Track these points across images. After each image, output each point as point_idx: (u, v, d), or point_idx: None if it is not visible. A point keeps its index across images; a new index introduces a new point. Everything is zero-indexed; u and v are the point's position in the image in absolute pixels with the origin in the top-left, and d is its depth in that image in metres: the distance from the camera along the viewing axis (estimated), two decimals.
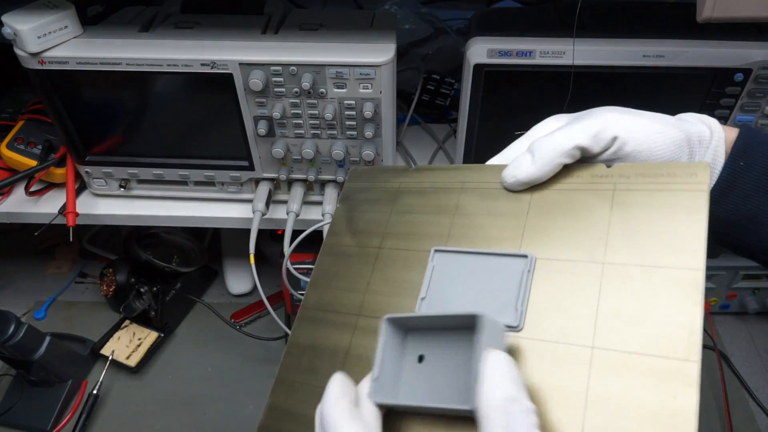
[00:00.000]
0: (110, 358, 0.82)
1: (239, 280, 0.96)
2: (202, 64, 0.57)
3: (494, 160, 0.41)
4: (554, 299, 0.33)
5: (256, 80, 0.57)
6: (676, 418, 0.27)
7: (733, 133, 0.38)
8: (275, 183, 0.69)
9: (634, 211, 0.33)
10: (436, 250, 0.37)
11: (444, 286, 0.36)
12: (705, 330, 0.39)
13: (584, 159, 0.36)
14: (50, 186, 0.73)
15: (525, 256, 0.34)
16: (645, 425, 0.27)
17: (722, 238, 0.39)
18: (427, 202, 0.40)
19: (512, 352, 0.31)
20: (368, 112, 0.58)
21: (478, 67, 0.58)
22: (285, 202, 0.69)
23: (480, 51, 0.58)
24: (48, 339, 0.76)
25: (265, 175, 0.67)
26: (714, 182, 0.37)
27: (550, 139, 0.36)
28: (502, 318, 0.32)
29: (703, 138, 0.37)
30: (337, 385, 0.30)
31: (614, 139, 0.35)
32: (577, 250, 0.34)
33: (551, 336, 0.31)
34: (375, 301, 0.37)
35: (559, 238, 0.35)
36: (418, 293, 0.36)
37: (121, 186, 0.70)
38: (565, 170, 0.36)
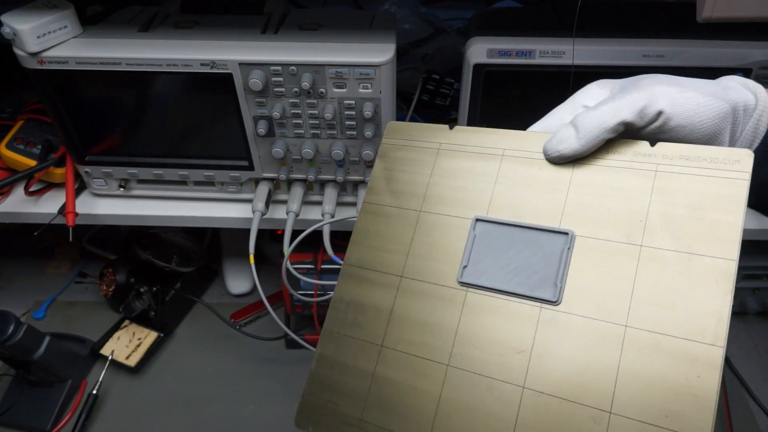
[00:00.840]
0: (110, 358, 0.82)
1: (239, 280, 0.96)
2: (202, 64, 0.57)
3: (536, 127, 0.41)
4: (591, 277, 0.34)
5: (256, 80, 0.57)
6: (698, 395, 0.29)
7: None
8: (275, 183, 0.69)
9: (674, 195, 0.34)
10: (478, 219, 0.38)
11: (485, 255, 0.37)
12: None
13: (627, 132, 0.36)
14: (50, 186, 0.73)
15: (566, 234, 0.35)
16: (670, 401, 0.30)
17: (760, 202, 0.39)
18: (467, 166, 0.40)
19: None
20: (368, 112, 0.58)
21: (478, 67, 0.58)
22: (285, 202, 0.69)
23: (480, 51, 0.58)
24: (47, 339, 0.75)
25: (265, 175, 0.67)
26: (757, 145, 0.37)
27: (596, 115, 0.36)
28: (541, 293, 0.35)
29: (748, 106, 0.36)
30: None
31: (659, 113, 0.35)
32: (616, 230, 0.35)
33: (587, 312, 0.33)
34: (417, 265, 0.38)
35: (599, 216, 0.36)
36: (460, 260, 0.37)
37: (120, 186, 0.70)
38: (608, 145, 0.37)
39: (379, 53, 0.57)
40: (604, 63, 0.57)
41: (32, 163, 0.69)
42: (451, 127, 0.42)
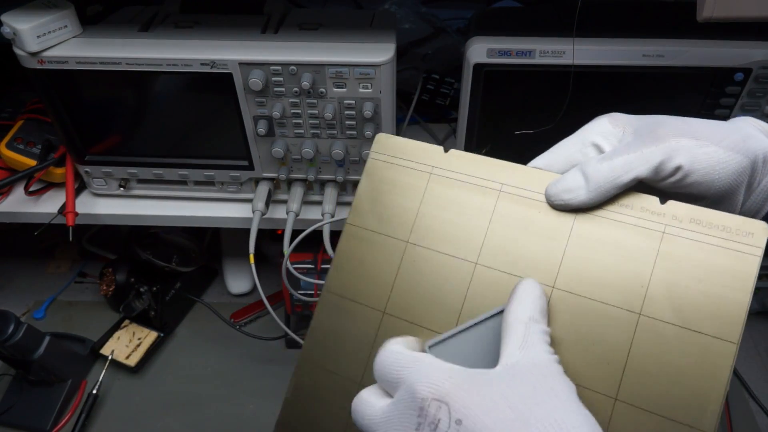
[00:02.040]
0: (110, 357, 0.82)
1: (239, 280, 0.96)
2: (202, 64, 0.57)
3: (539, 161, 0.38)
4: (580, 336, 0.32)
5: (256, 80, 0.57)
6: None
7: None
8: (275, 183, 0.69)
9: (680, 264, 0.32)
10: (430, 347, 0.33)
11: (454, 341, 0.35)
12: None
13: (640, 184, 0.35)
14: (50, 186, 0.73)
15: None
16: None
17: None
18: (461, 198, 0.38)
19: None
20: (368, 112, 0.58)
21: (477, 67, 0.58)
22: (285, 201, 0.69)
23: (480, 51, 0.58)
24: (47, 339, 0.75)
25: (265, 174, 0.67)
26: None
27: (609, 168, 0.33)
28: None
29: None
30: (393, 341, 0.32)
31: (677, 169, 0.33)
32: (615, 293, 0.33)
33: (574, 378, 0.30)
34: (401, 302, 0.37)
35: (598, 276, 0.33)
36: (444, 302, 0.36)
37: (120, 186, 0.70)
38: (616, 195, 0.35)
39: (379, 53, 0.57)
40: (604, 63, 0.57)
41: (32, 162, 0.69)
42: (446, 150, 0.39)
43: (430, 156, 0.39)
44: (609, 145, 0.36)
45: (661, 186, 0.34)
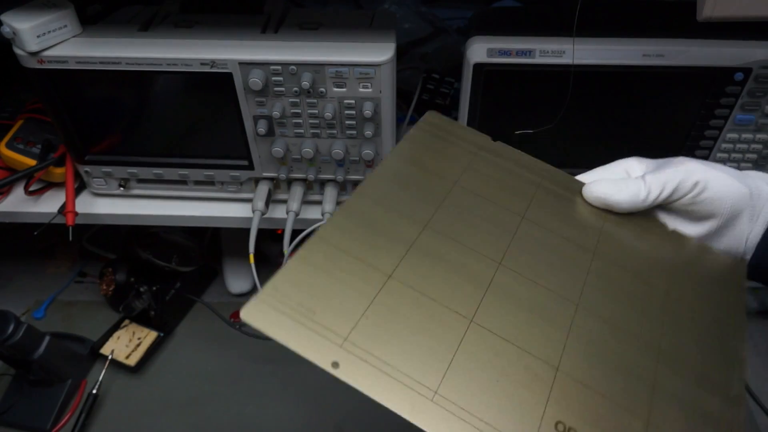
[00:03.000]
0: (110, 357, 0.82)
1: (239, 280, 0.96)
2: (202, 64, 0.57)
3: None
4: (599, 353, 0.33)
5: (256, 79, 0.57)
6: None
7: None
8: (275, 182, 0.69)
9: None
10: None
11: None
12: None
13: (661, 206, 0.42)
14: (49, 185, 0.73)
15: None
16: None
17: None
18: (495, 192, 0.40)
19: None
20: (368, 112, 0.58)
21: (477, 67, 0.58)
22: (285, 201, 0.69)
23: (480, 50, 0.58)
24: (47, 338, 0.75)
25: (265, 174, 0.67)
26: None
27: (648, 180, 0.40)
28: None
29: (762, 194, 0.40)
30: None
31: (696, 184, 0.39)
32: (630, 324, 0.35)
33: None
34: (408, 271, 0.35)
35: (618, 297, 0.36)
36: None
37: (120, 185, 0.70)
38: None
39: (379, 53, 0.57)
40: (604, 62, 0.57)
41: (32, 162, 0.69)
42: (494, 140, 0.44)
43: (478, 139, 0.42)
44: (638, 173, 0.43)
45: (683, 201, 0.40)
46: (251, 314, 0.30)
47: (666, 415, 0.31)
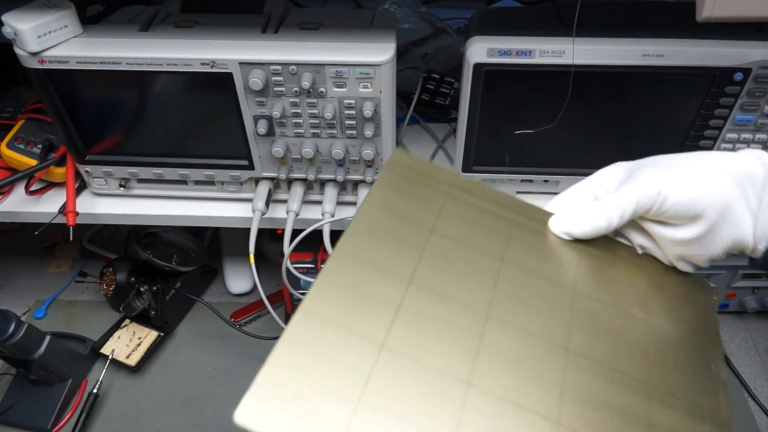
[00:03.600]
0: (110, 357, 0.82)
1: (239, 280, 0.96)
2: (202, 64, 0.57)
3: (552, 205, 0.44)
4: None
5: (256, 79, 0.57)
6: None
7: None
8: (275, 182, 0.69)
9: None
10: None
11: None
12: None
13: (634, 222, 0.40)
14: (50, 185, 0.73)
15: None
16: None
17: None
18: (472, 236, 0.39)
19: None
20: (368, 112, 0.58)
21: (477, 67, 0.58)
22: (285, 201, 0.69)
23: (480, 50, 0.58)
24: (48, 338, 0.76)
25: (265, 174, 0.67)
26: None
27: (603, 209, 0.39)
28: None
29: (756, 177, 0.37)
30: None
31: (658, 193, 0.37)
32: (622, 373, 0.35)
33: None
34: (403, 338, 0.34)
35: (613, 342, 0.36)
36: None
37: (121, 185, 0.70)
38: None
39: (379, 53, 0.57)
40: (604, 63, 0.57)
41: (33, 162, 0.69)
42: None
43: (448, 176, 0.42)
44: (606, 190, 0.41)
45: (653, 214, 0.38)
46: (247, 416, 0.28)
47: None
